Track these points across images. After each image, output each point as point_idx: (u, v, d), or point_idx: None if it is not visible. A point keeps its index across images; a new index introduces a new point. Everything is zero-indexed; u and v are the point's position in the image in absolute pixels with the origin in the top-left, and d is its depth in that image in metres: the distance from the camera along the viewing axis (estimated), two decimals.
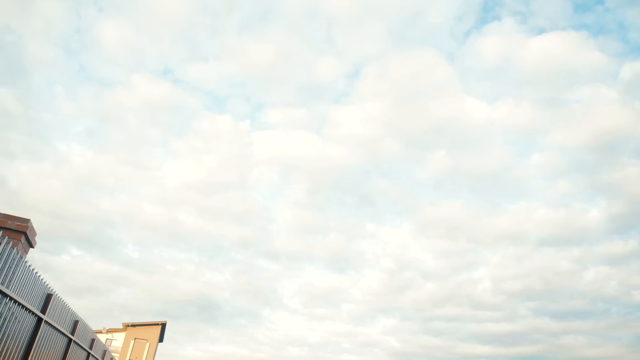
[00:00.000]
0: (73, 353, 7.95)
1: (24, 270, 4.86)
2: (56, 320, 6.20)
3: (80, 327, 7.95)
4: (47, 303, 5.72)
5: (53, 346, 6.57)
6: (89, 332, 8.33)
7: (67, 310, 6.66)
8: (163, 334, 55.03)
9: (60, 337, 6.90)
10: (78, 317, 7.69)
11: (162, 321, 53.72)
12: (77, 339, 8.00)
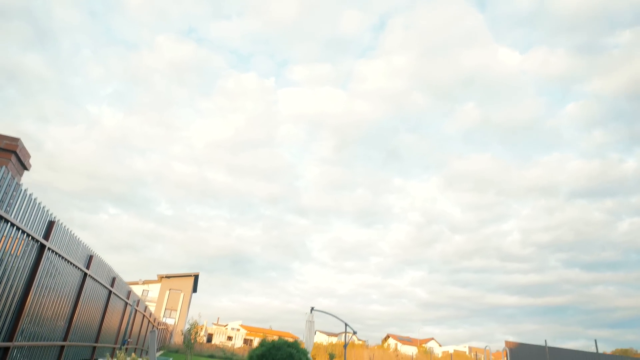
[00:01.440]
0: (89, 282, 7.73)
1: (19, 195, 4.41)
2: (61, 248, 5.84)
3: (95, 261, 7.67)
4: (50, 230, 5.32)
5: (58, 274, 6.25)
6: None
7: (73, 238, 6.29)
8: (196, 284, 56.77)
9: (67, 265, 6.60)
10: (90, 250, 7.38)
11: (194, 273, 55.28)
12: (91, 273, 7.73)
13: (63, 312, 6.51)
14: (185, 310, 51.75)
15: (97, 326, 8.76)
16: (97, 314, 8.58)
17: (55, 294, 6.03)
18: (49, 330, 5.99)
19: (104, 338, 9.39)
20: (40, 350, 5.97)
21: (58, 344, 6.48)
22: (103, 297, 8.81)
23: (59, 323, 6.45)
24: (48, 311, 5.85)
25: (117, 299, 9.92)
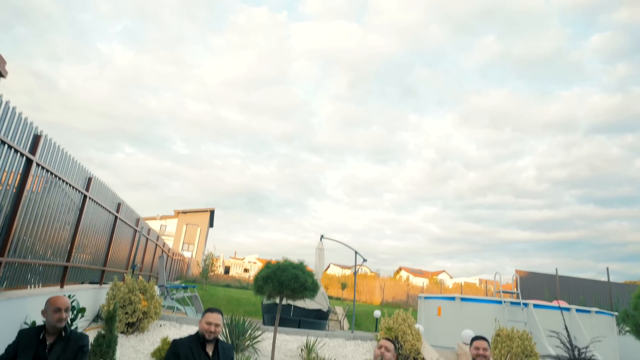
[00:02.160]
0: (90, 205, 7.59)
1: None
2: (52, 165, 5.59)
3: (95, 184, 7.48)
4: (36, 145, 5.04)
5: (50, 194, 6.07)
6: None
7: (66, 156, 6.03)
8: (212, 220, 57.94)
9: (61, 184, 6.40)
10: (88, 172, 7.16)
11: (210, 208, 56.21)
12: (92, 195, 7.57)
13: (61, 233, 6.39)
14: (203, 244, 53.06)
15: (104, 251, 8.77)
16: (103, 239, 8.55)
17: (50, 213, 5.87)
18: (45, 250, 5.90)
19: (113, 263, 9.45)
20: (43, 268, 5.92)
21: (60, 264, 6.43)
22: (108, 223, 8.74)
23: (59, 244, 6.36)
24: (42, 231, 5.71)
25: (124, 226, 9.89)
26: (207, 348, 4.04)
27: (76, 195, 6.71)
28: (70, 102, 75.32)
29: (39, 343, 3.58)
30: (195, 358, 3.92)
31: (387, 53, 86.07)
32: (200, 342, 4.00)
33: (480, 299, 12.56)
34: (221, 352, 4.10)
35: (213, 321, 4.02)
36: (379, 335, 8.88)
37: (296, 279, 7.01)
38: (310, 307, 14.35)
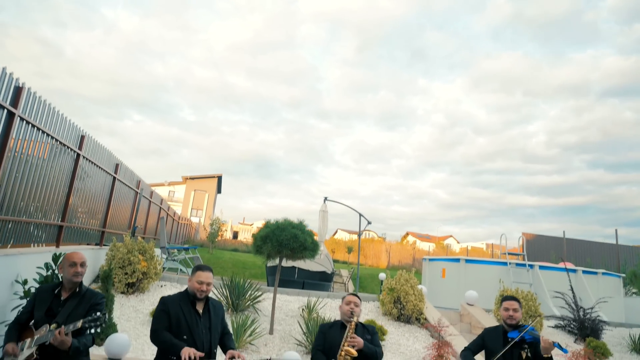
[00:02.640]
0: (83, 164, 7.43)
1: None
2: (37, 119, 5.38)
3: (89, 143, 7.28)
4: (18, 97, 4.82)
5: (36, 149, 5.89)
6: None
7: (54, 112, 5.81)
8: (220, 185, 58.15)
9: (48, 140, 6.23)
10: (81, 130, 6.96)
11: (217, 174, 56.32)
12: (85, 154, 7.40)
13: (53, 193, 6.25)
14: (211, 210, 53.40)
15: (103, 212, 8.67)
16: (101, 200, 8.44)
17: (39, 172, 5.70)
18: (37, 210, 5.77)
19: (113, 225, 9.39)
20: (36, 227, 5.81)
21: (54, 223, 6.32)
22: (106, 183, 8.60)
23: (52, 204, 6.23)
24: (32, 190, 5.57)
25: (124, 187, 9.76)
26: (197, 306, 3.91)
27: (68, 153, 6.53)
28: (77, 69, 74.77)
29: (53, 298, 3.58)
30: (185, 315, 3.80)
31: (396, 16, 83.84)
32: (190, 299, 3.87)
33: (485, 260, 12.45)
34: (212, 309, 3.98)
35: (204, 280, 3.87)
36: (382, 296, 8.82)
37: (295, 239, 6.88)
38: (314, 269, 14.37)
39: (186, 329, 3.73)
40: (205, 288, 3.84)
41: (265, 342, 6.82)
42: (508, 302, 4.26)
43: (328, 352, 4.08)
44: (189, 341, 3.69)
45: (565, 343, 8.72)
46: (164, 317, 3.79)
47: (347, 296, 4.35)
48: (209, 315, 3.91)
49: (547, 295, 11.06)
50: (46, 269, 4.90)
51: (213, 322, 3.91)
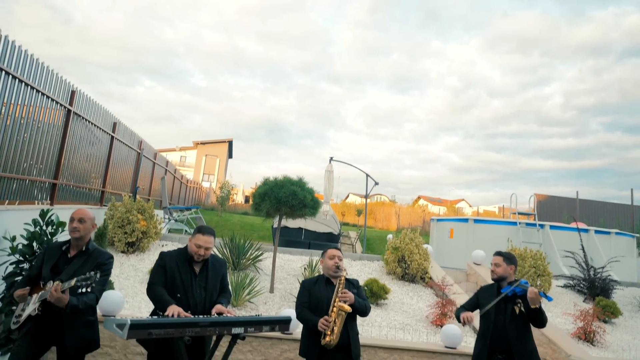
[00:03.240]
0: (76, 121, 7.24)
1: None
2: (20, 71, 5.13)
3: (81, 99, 7.05)
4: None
5: (23, 103, 5.69)
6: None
7: (38, 64, 5.56)
8: (231, 150, 58.16)
9: (36, 95, 6.02)
10: (72, 85, 6.72)
11: (228, 138, 56.25)
12: (77, 110, 7.19)
13: (44, 150, 6.09)
14: (222, 174, 53.57)
15: (101, 172, 8.54)
16: (98, 159, 8.28)
17: (25, 127, 5.51)
18: (29, 167, 5.61)
19: (113, 185, 9.27)
20: (28, 184, 5.68)
21: (46, 180, 6.18)
22: (103, 142, 8.43)
23: (43, 161, 6.07)
24: (20, 147, 5.39)
25: (123, 147, 9.60)
26: (194, 264, 3.76)
27: (57, 109, 6.32)
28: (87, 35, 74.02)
29: (60, 255, 3.52)
30: (180, 273, 3.65)
31: None
32: (188, 258, 3.71)
33: (494, 220, 12.20)
34: (210, 268, 3.81)
35: (203, 244, 3.68)
36: (386, 255, 8.66)
37: (294, 196, 6.67)
38: (321, 230, 14.31)
39: (180, 287, 3.60)
40: (204, 252, 3.67)
41: (265, 301, 6.74)
42: (493, 257, 4.08)
43: (314, 308, 3.89)
44: (182, 299, 3.56)
45: (574, 302, 8.55)
46: (160, 272, 3.65)
47: (329, 250, 4.07)
48: (206, 274, 3.76)
49: (557, 255, 10.83)
50: (34, 225, 4.77)
51: (210, 282, 3.76)
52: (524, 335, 3.79)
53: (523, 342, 3.77)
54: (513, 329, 3.76)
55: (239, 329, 3.53)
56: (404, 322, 6.71)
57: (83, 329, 3.36)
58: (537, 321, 3.72)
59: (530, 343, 3.82)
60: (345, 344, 3.77)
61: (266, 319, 3.68)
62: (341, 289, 3.83)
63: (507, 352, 3.75)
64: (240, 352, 5.29)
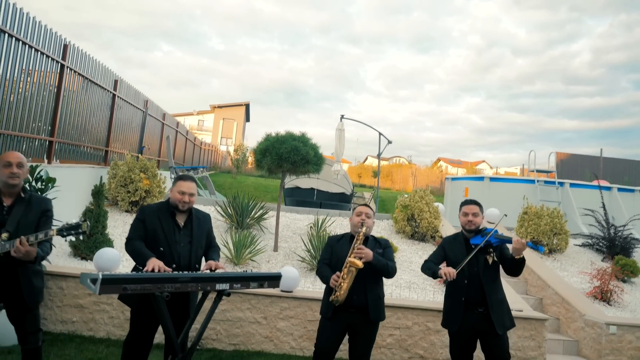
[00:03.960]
0: (70, 76, 7.04)
1: None
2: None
3: (74, 52, 6.79)
4: None
5: (11, 56, 5.49)
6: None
7: (21, 14, 5.30)
8: (248, 114, 57.88)
9: (21, 47, 5.80)
10: (64, 39, 6.46)
11: (245, 102, 55.90)
12: (71, 65, 6.96)
13: (37, 106, 5.91)
14: (240, 138, 53.47)
15: (104, 131, 8.39)
16: (99, 117, 8.11)
17: (16, 83, 5.32)
18: (20, 123, 5.46)
19: (118, 145, 9.14)
20: (19, 140, 5.56)
21: (40, 137, 6.04)
22: (104, 100, 8.23)
23: (37, 118, 5.91)
24: (11, 102, 5.22)
25: (127, 106, 9.41)
26: (178, 217, 3.57)
27: (49, 64, 6.09)
28: (104, 0, 73.13)
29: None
30: (163, 227, 3.47)
31: None
32: (171, 210, 3.52)
33: (511, 178, 11.78)
34: (195, 222, 3.62)
35: (186, 190, 3.49)
36: (395, 214, 8.42)
37: (296, 151, 6.41)
38: (333, 191, 14.09)
39: (163, 241, 3.44)
40: (188, 199, 3.48)
41: (268, 259, 6.61)
42: (467, 206, 3.79)
43: (335, 265, 3.70)
44: (165, 254, 3.40)
45: (591, 261, 8.22)
46: (140, 226, 3.49)
47: (358, 207, 3.90)
48: (190, 228, 3.59)
49: (577, 214, 10.42)
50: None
51: (195, 235, 3.59)
52: (496, 285, 3.67)
53: (496, 292, 3.64)
54: (487, 280, 3.62)
55: (223, 285, 3.35)
56: (410, 280, 6.52)
57: (35, 279, 3.23)
58: (515, 270, 3.57)
59: (500, 292, 3.70)
60: (363, 305, 3.58)
61: (253, 275, 3.49)
62: (358, 244, 3.60)
63: (483, 304, 3.58)
64: (239, 310, 5.19)
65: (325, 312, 3.70)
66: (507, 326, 3.62)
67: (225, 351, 5.04)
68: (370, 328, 3.62)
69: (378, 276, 3.67)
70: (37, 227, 3.20)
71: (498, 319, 3.56)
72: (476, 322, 3.59)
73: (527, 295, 7.23)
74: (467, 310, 3.62)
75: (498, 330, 3.53)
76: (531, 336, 5.56)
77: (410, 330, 5.41)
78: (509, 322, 3.64)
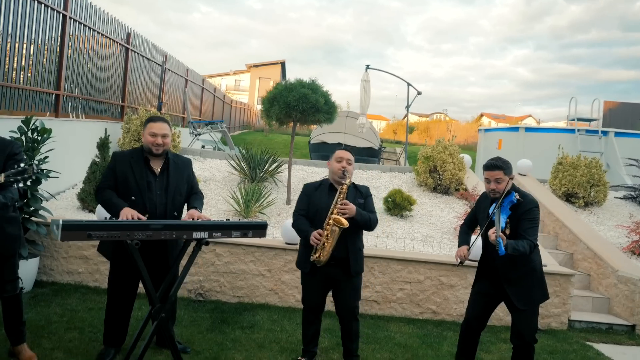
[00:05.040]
0: (72, 26, 6.89)
1: None
2: None
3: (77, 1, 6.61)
4: None
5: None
6: None
7: None
8: (284, 72, 57.25)
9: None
10: None
11: (281, 60, 55.29)
12: (73, 15, 6.79)
13: (40, 58, 5.81)
14: None
15: (119, 86, 8.30)
16: (112, 71, 8.00)
17: (15, 32, 5.20)
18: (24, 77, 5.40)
19: (134, 100, 9.07)
20: (26, 94, 5.51)
21: (46, 90, 5.97)
22: (117, 54, 8.09)
23: (42, 71, 5.83)
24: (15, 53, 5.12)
25: (143, 60, 9.25)
26: (152, 163, 3.37)
27: (50, 13, 5.93)
28: None
29: None
30: (135, 174, 3.29)
31: None
32: (144, 156, 3.33)
33: (549, 128, 11.00)
34: (172, 167, 3.42)
35: (158, 131, 3.27)
36: (417, 166, 8.01)
37: (305, 99, 6.07)
38: (361, 145, 13.67)
39: (135, 189, 3.26)
40: (161, 141, 3.27)
41: (280, 212, 6.43)
42: (488, 172, 3.15)
43: (313, 217, 3.43)
44: (137, 203, 3.23)
45: (630, 214, 7.57)
46: (110, 175, 3.33)
47: (337, 151, 3.50)
48: (167, 174, 3.39)
49: (620, 164, 9.63)
50: (19, 132, 4.59)
51: (172, 182, 3.40)
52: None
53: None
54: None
55: (201, 233, 3.16)
56: (427, 234, 6.19)
57: (9, 226, 3.09)
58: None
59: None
60: (343, 257, 3.34)
61: (236, 223, 3.27)
62: (341, 199, 3.29)
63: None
64: (243, 262, 5.06)
65: (303, 267, 3.48)
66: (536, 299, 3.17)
67: (229, 303, 4.97)
68: (353, 280, 3.40)
69: (359, 229, 3.40)
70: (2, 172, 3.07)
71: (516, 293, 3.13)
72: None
73: (556, 250, 6.77)
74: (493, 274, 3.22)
75: (518, 305, 3.11)
76: (555, 292, 5.18)
77: (422, 285, 5.14)
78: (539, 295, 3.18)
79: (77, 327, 3.92)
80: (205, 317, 4.50)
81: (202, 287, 5.04)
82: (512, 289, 3.11)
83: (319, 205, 3.41)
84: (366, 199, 3.51)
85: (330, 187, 3.47)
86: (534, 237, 3.01)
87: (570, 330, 5.19)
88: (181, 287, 4.99)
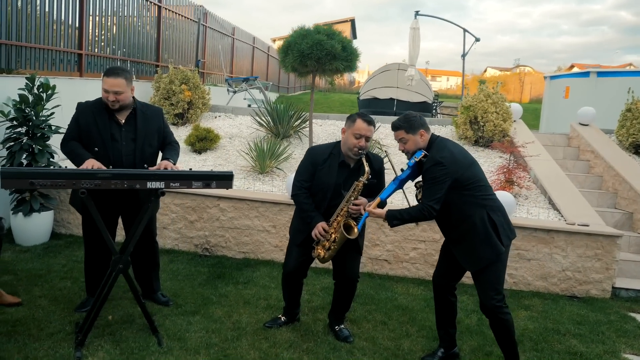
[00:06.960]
0: None
1: None
2: None
3: None
4: None
5: None
6: None
7: None
8: (354, 30, 55.67)
9: None
10: None
11: (350, 17, 53.75)
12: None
13: (59, 17, 5.90)
14: None
15: (151, 45, 8.33)
16: (142, 31, 8.01)
17: None
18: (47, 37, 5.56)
19: (171, 59, 9.10)
20: (48, 53, 5.65)
21: (67, 50, 6.09)
22: (145, 11, 8.07)
23: (61, 31, 5.93)
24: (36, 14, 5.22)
25: (177, 17, 9.19)
26: (118, 114, 3.24)
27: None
28: None
29: None
30: (98, 124, 3.18)
31: None
32: (105, 106, 3.21)
33: (625, 72, 9.56)
34: (140, 117, 3.29)
35: (109, 88, 3.10)
36: (456, 117, 7.32)
37: (319, 46, 5.66)
38: (414, 100, 12.90)
39: (98, 140, 3.18)
40: (114, 97, 3.11)
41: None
42: (394, 132, 2.85)
43: (315, 193, 3.05)
44: (100, 154, 3.15)
45: None
46: (73, 125, 3.26)
47: (358, 122, 2.89)
48: (134, 125, 3.26)
49: None
50: (27, 90, 4.69)
51: (140, 132, 3.27)
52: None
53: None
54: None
55: (156, 183, 3.00)
56: None
57: None
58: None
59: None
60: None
61: (197, 173, 3.07)
62: (355, 197, 2.89)
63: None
64: (247, 218, 4.92)
65: (294, 238, 3.22)
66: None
67: (234, 259, 4.88)
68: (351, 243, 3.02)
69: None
70: None
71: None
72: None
73: (614, 209, 5.93)
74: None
75: (465, 267, 2.89)
76: (596, 256, 4.52)
77: (438, 244, 4.68)
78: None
79: (72, 277, 4.02)
80: (203, 271, 4.44)
81: (208, 242, 4.98)
82: (456, 249, 2.80)
83: (326, 182, 3.01)
84: (379, 177, 3.08)
85: (342, 163, 3.02)
86: (430, 198, 2.61)
87: (613, 299, 4.53)
88: (188, 241, 5.00)
